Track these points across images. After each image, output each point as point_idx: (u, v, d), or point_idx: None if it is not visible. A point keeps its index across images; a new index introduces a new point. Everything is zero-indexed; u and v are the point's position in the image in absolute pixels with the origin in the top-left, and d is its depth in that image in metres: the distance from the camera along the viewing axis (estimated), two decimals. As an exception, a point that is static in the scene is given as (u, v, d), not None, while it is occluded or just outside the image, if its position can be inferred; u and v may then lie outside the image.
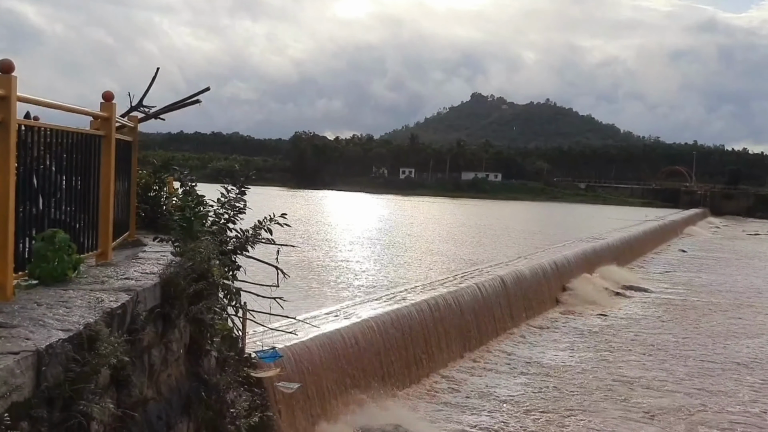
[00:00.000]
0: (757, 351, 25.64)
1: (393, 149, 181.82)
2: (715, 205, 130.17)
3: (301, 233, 43.93)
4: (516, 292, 27.94)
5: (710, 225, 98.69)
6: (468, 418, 16.98)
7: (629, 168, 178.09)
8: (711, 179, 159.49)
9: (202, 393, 6.57)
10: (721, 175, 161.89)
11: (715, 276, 46.30)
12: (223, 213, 8.10)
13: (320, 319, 17.16)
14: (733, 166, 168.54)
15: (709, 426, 17.28)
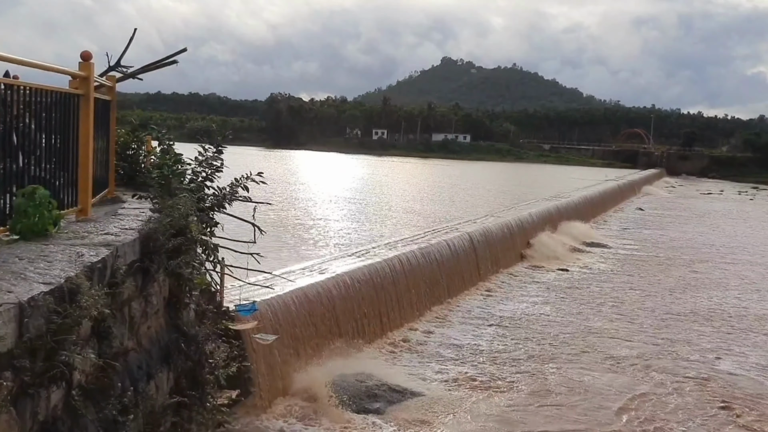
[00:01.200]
0: (714, 302, 26.21)
1: (366, 111, 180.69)
2: (672, 165, 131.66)
3: (278, 192, 43.73)
4: (483, 248, 28.16)
5: (666, 185, 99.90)
6: (437, 367, 17.19)
7: (591, 130, 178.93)
8: (668, 141, 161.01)
9: (181, 344, 6.55)
10: (677, 137, 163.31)
11: (671, 233, 47.05)
12: (200, 171, 7.99)
13: (296, 274, 17.16)
14: (688, 129, 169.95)
15: (670, 373, 17.69)
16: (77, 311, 4.10)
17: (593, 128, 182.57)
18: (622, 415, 14.81)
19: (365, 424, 13.52)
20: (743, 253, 39.00)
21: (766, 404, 15.82)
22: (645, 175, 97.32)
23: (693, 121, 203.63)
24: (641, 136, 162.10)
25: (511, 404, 15.07)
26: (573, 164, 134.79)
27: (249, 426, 12.71)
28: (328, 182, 65.17)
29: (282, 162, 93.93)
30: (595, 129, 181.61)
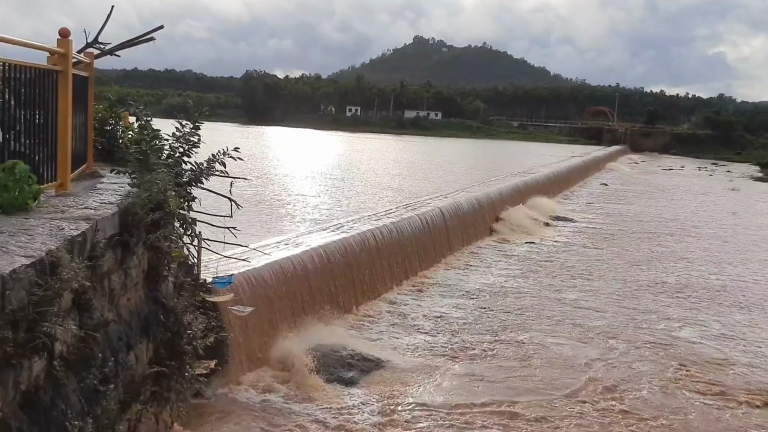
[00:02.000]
0: (678, 274, 26.71)
1: (340, 88, 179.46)
2: (635, 142, 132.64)
3: (254, 167, 43.42)
4: (454, 222, 28.32)
5: (630, 161, 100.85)
6: (410, 338, 17.34)
7: (558, 108, 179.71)
8: (631, 119, 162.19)
9: (160, 316, 6.55)
10: (640, 115, 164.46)
11: (635, 207, 47.68)
12: (178, 147, 7.92)
13: (271, 248, 17.14)
14: (651, 107, 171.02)
15: (635, 341, 18.04)
16: (58, 284, 4.09)
17: (560, 106, 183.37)
18: (586, 382, 15.10)
19: (339, 392, 13.63)
20: (704, 227, 39.69)
21: (720, 369, 16.25)
22: (609, 152, 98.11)
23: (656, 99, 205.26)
24: (606, 113, 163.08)
25: (481, 373, 15.28)
26: (540, 141, 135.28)
27: (226, 395, 12.77)
28: (303, 158, 64.86)
29: (258, 138, 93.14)
30: (561, 107, 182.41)
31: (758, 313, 21.69)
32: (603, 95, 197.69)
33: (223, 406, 12.45)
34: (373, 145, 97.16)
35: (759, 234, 38.23)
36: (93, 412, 4.58)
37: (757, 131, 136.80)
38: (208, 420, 11.86)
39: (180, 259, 8.12)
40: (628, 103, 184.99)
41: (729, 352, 17.65)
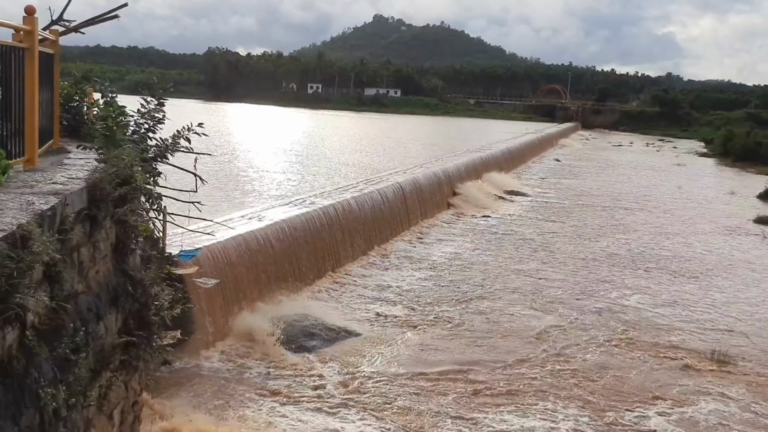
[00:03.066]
0: (628, 246, 27.41)
1: (301, 66, 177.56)
2: (586, 119, 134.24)
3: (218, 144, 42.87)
4: (413, 197, 28.53)
5: (581, 137, 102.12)
6: (370, 307, 17.57)
7: (513, 86, 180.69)
8: (583, 97, 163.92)
9: (128, 287, 6.55)
10: (592, 92, 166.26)
11: (586, 182, 48.50)
12: (143, 123, 7.86)
13: (236, 222, 17.14)
14: (602, 85, 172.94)
15: (584, 308, 18.53)
16: (29, 256, 4.10)
17: (515, 84, 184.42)
18: (540, 346, 15.53)
19: (302, 361, 13.80)
20: (652, 201, 40.61)
21: (663, 334, 16.83)
22: (562, 129, 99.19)
23: (607, 77, 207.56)
24: (559, 91, 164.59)
25: (440, 340, 15.59)
26: (496, 118, 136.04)
27: (192, 364, 12.83)
28: (266, 135, 64.28)
29: (221, 115, 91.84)
30: (516, 85, 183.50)
31: (702, 281, 22.45)
32: (556, 74, 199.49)
33: (190, 375, 12.51)
34: (334, 122, 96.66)
35: (703, 207, 39.31)
36: (65, 379, 4.62)
37: (703, 109, 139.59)
38: (176, 387, 11.93)
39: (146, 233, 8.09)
40: (581, 82, 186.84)
41: (672, 317, 18.28)
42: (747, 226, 33.22)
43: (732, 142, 75.73)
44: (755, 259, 26.19)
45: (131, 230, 6.79)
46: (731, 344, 16.22)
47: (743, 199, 42.80)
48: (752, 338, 16.99)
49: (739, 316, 18.73)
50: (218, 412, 11.18)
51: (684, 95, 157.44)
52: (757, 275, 23.69)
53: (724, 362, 15.12)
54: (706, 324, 17.92)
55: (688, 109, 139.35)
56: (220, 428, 10.51)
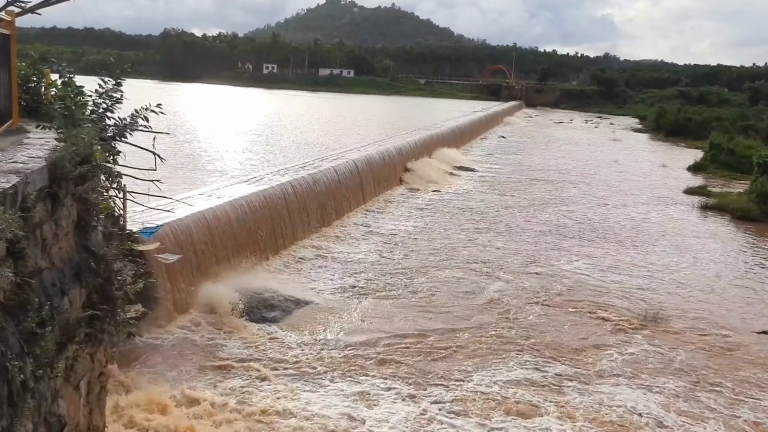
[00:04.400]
0: (571, 216, 28.01)
1: (257, 47, 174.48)
2: (529, 98, 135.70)
3: (177, 123, 41.98)
4: (367, 174, 28.54)
5: (525, 115, 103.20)
6: (328, 279, 17.63)
7: (461, 66, 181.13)
8: (527, 76, 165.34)
9: (91, 263, 6.46)
10: (535, 72, 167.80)
11: (530, 157, 49.17)
12: (101, 102, 7.66)
13: (195, 199, 16.90)
14: (544, 65, 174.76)
15: (531, 277, 18.91)
16: (-7, 233, 4.03)
17: (463, 64, 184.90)
18: (487, 311, 15.83)
19: (263, 330, 13.81)
20: (592, 174, 41.45)
21: (599, 296, 17.34)
22: (506, 107, 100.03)
23: (549, 58, 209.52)
24: (504, 71, 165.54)
25: (395, 308, 15.77)
26: (445, 97, 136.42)
27: (156, 336, 12.72)
28: (224, 114, 63.17)
29: (179, 94, 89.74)
30: (464, 65, 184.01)
31: (638, 249, 23.11)
32: (502, 54, 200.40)
33: (154, 346, 12.42)
34: (290, 101, 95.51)
35: (638, 179, 40.31)
36: (32, 352, 4.57)
37: (637, 87, 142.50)
38: (140, 358, 11.83)
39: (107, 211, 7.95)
40: (524, 62, 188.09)
41: (610, 282, 18.83)
42: (678, 196, 34.26)
43: (664, 118, 77.65)
44: (685, 228, 27.09)
45: (92, 208, 6.67)
46: (661, 305, 16.83)
47: (674, 172, 44.06)
48: (680, 300, 17.65)
49: (670, 280, 19.41)
50: (181, 382, 11.14)
51: (620, 74, 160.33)
52: (687, 242, 24.52)
53: (654, 321, 15.69)
54: (640, 287, 18.51)
55: (624, 87, 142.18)
56: (182, 396, 10.49)
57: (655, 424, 10.96)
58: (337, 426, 10.25)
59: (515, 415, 11.02)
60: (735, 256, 23.13)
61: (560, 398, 11.68)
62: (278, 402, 10.80)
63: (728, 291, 18.70)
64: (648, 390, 12.21)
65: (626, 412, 11.33)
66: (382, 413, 10.79)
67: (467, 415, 10.93)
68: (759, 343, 14.91)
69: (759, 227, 27.58)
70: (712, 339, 14.99)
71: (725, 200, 31.78)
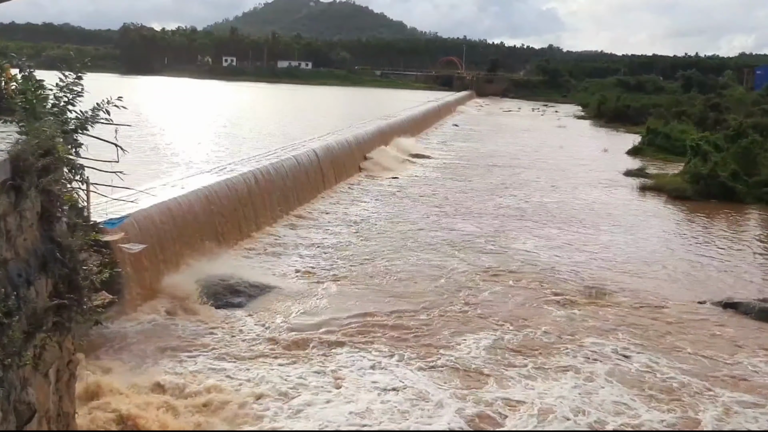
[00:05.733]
0: (523, 199, 28.40)
1: (215, 40, 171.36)
2: (480, 88, 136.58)
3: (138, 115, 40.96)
4: (327, 162, 28.43)
5: (476, 104, 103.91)
6: (291, 264, 17.54)
7: (414, 58, 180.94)
8: (477, 67, 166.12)
9: (56, 253, 6.31)
10: (484, 64, 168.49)
11: (482, 144, 49.59)
12: (62, 96, 7.44)
13: (158, 189, 16.57)
14: (493, 57, 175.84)
15: (486, 257, 19.13)
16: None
17: (416, 56, 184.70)
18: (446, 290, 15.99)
19: (229, 316, 13.68)
20: (540, 159, 42.03)
21: (547, 274, 17.68)
22: (459, 97, 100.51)
23: (497, 49, 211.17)
24: (455, 63, 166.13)
25: (356, 290, 15.79)
26: (400, 88, 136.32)
27: (123, 323, 12.50)
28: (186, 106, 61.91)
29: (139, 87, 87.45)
30: (417, 57, 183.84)
31: (585, 228, 23.59)
32: (453, 46, 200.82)
33: (121, 333, 12.20)
34: (250, 93, 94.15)
35: (583, 163, 41.04)
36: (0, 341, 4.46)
37: (580, 77, 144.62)
38: (108, 345, 11.62)
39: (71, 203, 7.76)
40: (474, 54, 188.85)
41: (559, 259, 19.19)
42: (618, 179, 35.03)
43: (604, 105, 79.05)
44: (625, 208, 27.76)
45: (56, 199, 6.50)
46: (605, 280, 17.25)
47: (615, 155, 44.96)
48: (622, 274, 18.11)
49: (614, 256, 19.89)
50: (149, 367, 10.99)
51: (564, 65, 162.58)
52: (628, 221, 25.13)
53: (598, 295, 16.08)
54: (587, 263, 18.92)
55: (568, 77, 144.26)
56: (150, 382, 10.35)
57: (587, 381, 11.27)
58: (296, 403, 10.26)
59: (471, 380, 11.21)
60: (672, 232, 23.82)
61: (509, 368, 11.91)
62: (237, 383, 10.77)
63: (667, 265, 19.26)
64: (586, 357, 12.53)
65: (561, 369, 11.60)
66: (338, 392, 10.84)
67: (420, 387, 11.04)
68: (695, 312, 15.43)
69: (692, 205, 28.44)
70: (651, 310, 15.43)
71: (662, 181, 32.66)
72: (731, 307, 15.64)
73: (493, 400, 10.74)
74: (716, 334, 14.22)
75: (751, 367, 12.53)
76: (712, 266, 19.42)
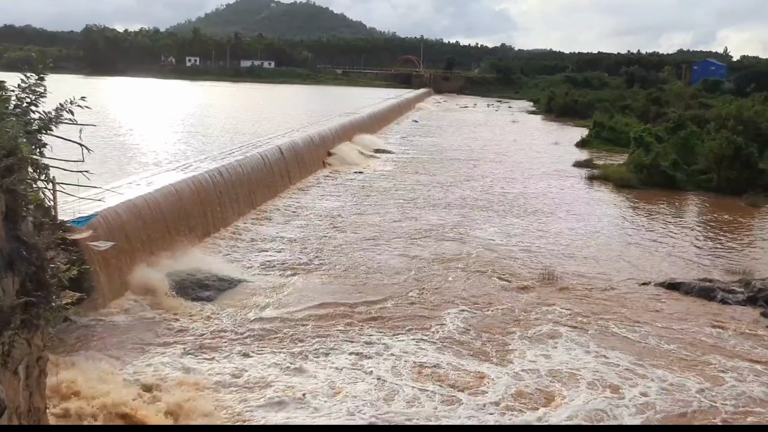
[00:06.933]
0: (481, 190, 28.64)
1: (178, 41, 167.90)
2: (437, 85, 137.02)
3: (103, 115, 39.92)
4: (292, 158, 28.22)
5: (434, 101, 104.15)
6: (259, 258, 17.39)
7: (374, 57, 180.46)
8: (434, 65, 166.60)
9: (23, 252, 6.13)
10: (441, 62, 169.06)
11: (441, 139, 49.81)
12: (24, 97, 7.21)
13: (125, 188, 16.23)
14: (449, 55, 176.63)
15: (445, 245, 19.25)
16: None
17: (376, 55, 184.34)
18: (405, 279, 16.06)
19: (197, 309, 13.51)
20: (496, 153, 42.36)
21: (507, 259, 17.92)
22: (417, 94, 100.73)
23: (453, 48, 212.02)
24: (414, 61, 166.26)
25: (321, 283, 15.74)
26: (361, 86, 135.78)
27: (93, 319, 12.23)
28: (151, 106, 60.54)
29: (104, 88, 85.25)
30: (377, 56, 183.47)
31: (539, 216, 23.94)
32: (411, 46, 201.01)
33: (92, 329, 11.94)
34: (215, 91, 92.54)
35: (535, 156, 41.58)
36: (-34, 341, 4.32)
37: (531, 74, 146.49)
38: (79, 341, 11.36)
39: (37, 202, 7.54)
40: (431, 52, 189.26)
41: (515, 246, 19.45)
42: (568, 169, 35.63)
43: (554, 101, 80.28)
44: (576, 197, 28.27)
45: (21, 199, 6.31)
46: (557, 265, 17.56)
47: (565, 148, 45.70)
48: (573, 260, 18.46)
49: (565, 243, 20.25)
50: (119, 362, 10.78)
51: (516, 63, 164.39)
52: (578, 209, 25.61)
53: (551, 279, 16.38)
54: (540, 250, 19.23)
55: (519, 74, 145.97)
56: (121, 376, 10.16)
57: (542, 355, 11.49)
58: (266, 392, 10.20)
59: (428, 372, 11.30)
60: (619, 219, 24.37)
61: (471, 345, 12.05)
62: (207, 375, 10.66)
63: (615, 250, 19.71)
64: (535, 337, 12.77)
65: (504, 347, 11.80)
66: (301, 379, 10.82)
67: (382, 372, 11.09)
68: (638, 292, 15.85)
69: (636, 193, 29.14)
70: (599, 291, 15.79)
71: (608, 171, 33.36)
72: (674, 287, 16.10)
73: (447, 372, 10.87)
74: (660, 310, 14.66)
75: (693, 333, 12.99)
76: (656, 250, 19.94)
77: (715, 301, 15.26)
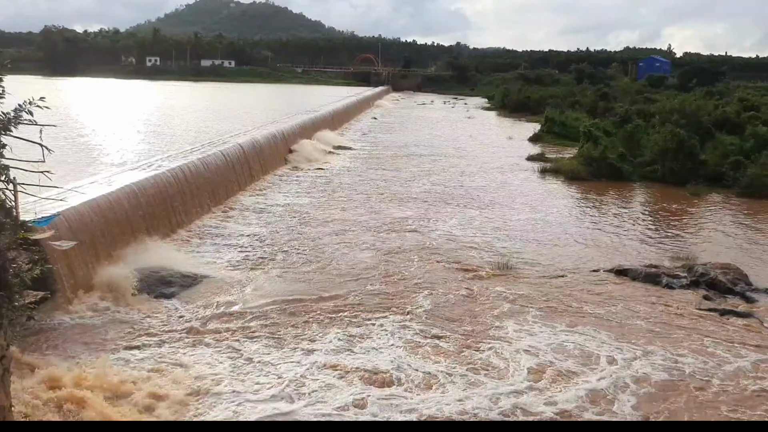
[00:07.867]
0: (440, 184, 28.87)
1: (138, 41, 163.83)
2: (395, 83, 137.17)
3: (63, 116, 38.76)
4: (253, 156, 27.97)
5: (393, 98, 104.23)
6: (223, 254, 17.24)
7: (333, 56, 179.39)
8: (392, 64, 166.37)
9: (-16, 253, 6.00)
10: (399, 60, 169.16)
11: (400, 135, 49.95)
12: (-19, 98, 7.03)
13: (86, 187, 15.88)
14: (407, 54, 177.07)
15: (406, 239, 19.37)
16: None
17: (335, 54, 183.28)
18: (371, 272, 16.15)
19: (162, 306, 13.35)
20: (454, 147, 42.68)
21: (463, 250, 18.16)
22: (376, 91, 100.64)
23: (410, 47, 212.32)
24: (372, 60, 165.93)
25: (284, 277, 15.69)
26: (321, 84, 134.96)
27: (57, 318, 11.98)
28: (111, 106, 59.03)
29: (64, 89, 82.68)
30: (336, 55, 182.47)
31: (495, 209, 24.29)
32: (369, 44, 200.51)
33: (55, 327, 11.69)
34: (176, 91, 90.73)
35: (490, 150, 42.07)
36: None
37: (485, 71, 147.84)
38: (42, 340, 11.13)
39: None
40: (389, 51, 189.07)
41: (473, 238, 19.72)
42: (522, 163, 36.21)
43: (508, 97, 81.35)
44: (530, 190, 28.77)
45: (-19, 200, 6.17)
46: (513, 255, 17.90)
47: (518, 142, 46.36)
48: (528, 250, 18.84)
49: (520, 234, 20.63)
50: (83, 359, 10.58)
51: (471, 61, 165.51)
52: (532, 201, 26.08)
53: (506, 268, 16.69)
54: (497, 240, 19.56)
55: (474, 72, 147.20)
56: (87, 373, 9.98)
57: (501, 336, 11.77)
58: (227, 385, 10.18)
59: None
60: (570, 210, 24.92)
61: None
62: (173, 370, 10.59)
63: (567, 239, 20.17)
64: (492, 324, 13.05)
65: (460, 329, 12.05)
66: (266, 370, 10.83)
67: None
68: (587, 278, 16.29)
69: (586, 185, 29.83)
70: (552, 278, 16.18)
71: (559, 164, 34.02)
72: (622, 273, 16.59)
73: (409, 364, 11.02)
74: (606, 293, 15.13)
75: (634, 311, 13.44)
76: (605, 238, 20.49)
77: (660, 285, 15.78)
